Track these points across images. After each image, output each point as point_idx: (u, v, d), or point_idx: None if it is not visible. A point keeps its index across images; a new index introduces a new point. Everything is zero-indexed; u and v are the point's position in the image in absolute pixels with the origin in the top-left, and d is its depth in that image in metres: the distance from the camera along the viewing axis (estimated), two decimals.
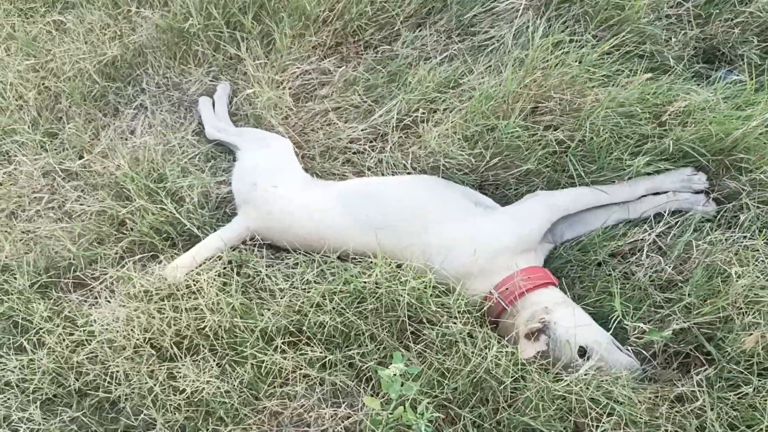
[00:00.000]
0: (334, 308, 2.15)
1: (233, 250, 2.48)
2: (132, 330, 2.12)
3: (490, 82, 2.55)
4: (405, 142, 2.66)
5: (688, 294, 2.13)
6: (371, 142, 2.74)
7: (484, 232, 2.32)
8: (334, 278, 2.26)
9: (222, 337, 2.16)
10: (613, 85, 2.43)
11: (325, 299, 2.16)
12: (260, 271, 2.32)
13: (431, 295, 2.14)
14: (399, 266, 2.29)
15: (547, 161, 2.41)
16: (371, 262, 2.32)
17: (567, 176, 2.40)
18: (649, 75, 2.46)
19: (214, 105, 2.94)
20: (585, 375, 1.98)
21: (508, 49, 2.69)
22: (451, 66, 2.74)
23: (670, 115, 2.34)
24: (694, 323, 2.08)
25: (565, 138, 2.36)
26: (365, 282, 2.17)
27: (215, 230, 2.53)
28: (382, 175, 2.64)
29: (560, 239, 2.43)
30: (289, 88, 2.90)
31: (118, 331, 2.13)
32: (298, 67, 2.92)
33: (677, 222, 2.30)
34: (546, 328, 2.12)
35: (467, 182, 2.48)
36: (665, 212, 2.33)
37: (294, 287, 2.26)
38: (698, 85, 2.52)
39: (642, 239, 2.29)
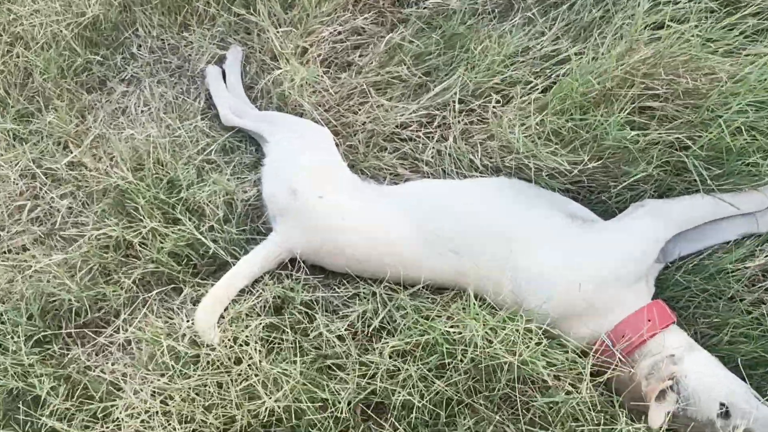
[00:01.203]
0: (415, 372, 1.72)
1: (269, 276, 2.03)
2: (168, 421, 1.68)
3: (582, 59, 2.03)
4: (470, 129, 2.16)
5: None
6: (425, 127, 2.24)
7: (587, 256, 1.87)
8: (407, 323, 1.82)
9: (284, 421, 1.73)
10: (740, 65, 1.93)
11: (403, 361, 1.73)
12: (311, 314, 1.87)
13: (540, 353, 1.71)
14: (489, 306, 1.86)
15: (658, 161, 1.94)
16: (446, 294, 1.89)
17: (683, 181, 1.94)
18: None
19: (224, 77, 2.40)
20: None
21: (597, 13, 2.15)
22: (525, 32, 2.20)
23: None
24: None
25: (685, 138, 1.87)
26: (455, 336, 1.72)
27: (246, 251, 2.06)
28: (445, 172, 2.16)
29: (672, 257, 2.00)
30: (318, 55, 2.35)
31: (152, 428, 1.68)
32: (327, 28, 2.36)
33: None
34: (675, 384, 1.73)
35: (555, 186, 2.01)
36: None
37: (362, 346, 1.81)
38: None
39: None
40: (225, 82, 2.37)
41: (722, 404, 1.71)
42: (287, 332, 1.84)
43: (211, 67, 2.40)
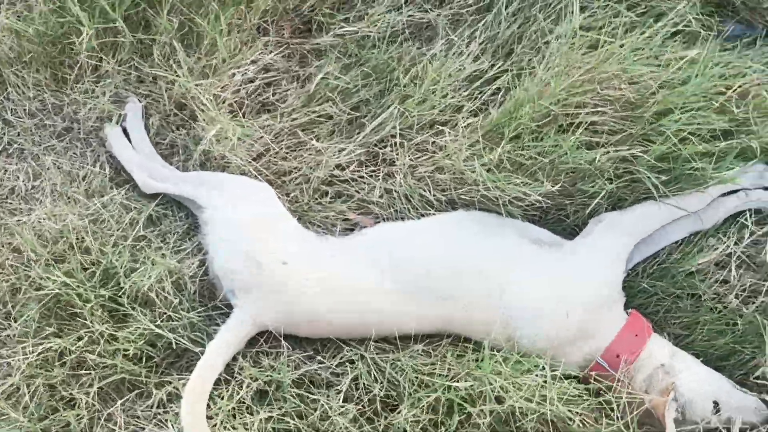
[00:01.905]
0: None
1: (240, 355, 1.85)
2: None
3: (523, 81, 2.01)
4: (415, 164, 2.08)
5: None
6: (365, 165, 2.13)
7: (568, 283, 1.89)
8: (411, 388, 1.72)
9: None
10: (662, 67, 2.01)
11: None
12: (304, 395, 1.72)
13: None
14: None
15: (612, 176, 1.98)
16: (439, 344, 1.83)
17: (633, 191, 1.99)
18: (696, 52, 2.07)
19: (127, 136, 2.13)
20: None
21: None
22: (451, 54, 2.14)
23: (734, 99, 1.99)
24: None
25: (639, 152, 1.92)
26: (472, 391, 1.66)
27: (208, 335, 1.86)
28: (397, 212, 2.07)
29: (631, 264, 2.06)
30: (235, 102, 2.14)
31: None
32: (236, 70, 2.15)
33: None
34: (674, 392, 1.80)
35: (515, 213, 1.99)
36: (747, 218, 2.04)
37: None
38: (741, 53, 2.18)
39: (729, 253, 1.99)
40: (129, 141, 2.12)
41: (715, 402, 1.82)
42: (289, 421, 1.68)
43: (110, 127, 2.11)
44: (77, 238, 1.88)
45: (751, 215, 2.02)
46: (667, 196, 1.97)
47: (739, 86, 1.98)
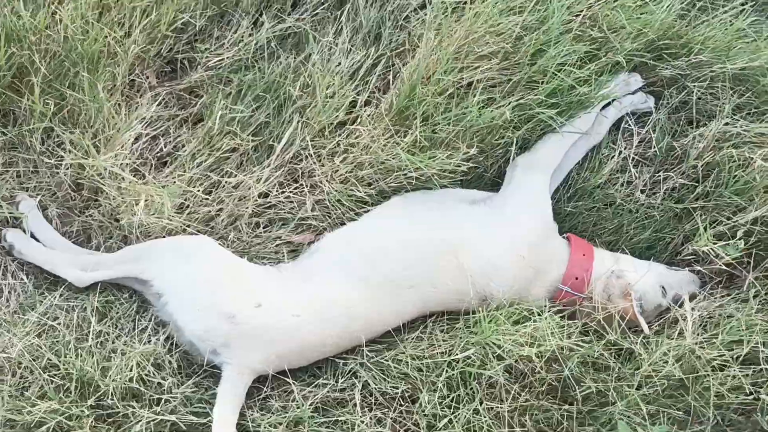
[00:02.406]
0: None
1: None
2: None
3: (412, 60, 2.10)
4: (336, 167, 2.11)
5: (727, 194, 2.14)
6: (287, 186, 2.13)
7: (512, 230, 2.04)
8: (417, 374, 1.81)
9: None
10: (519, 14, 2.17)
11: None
12: (336, 418, 1.75)
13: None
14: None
15: (516, 123, 2.13)
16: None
17: (532, 130, 2.16)
18: None
19: (32, 235, 1.98)
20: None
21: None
22: (329, 55, 2.17)
23: (587, 24, 2.21)
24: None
25: (531, 95, 2.09)
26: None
27: (208, 402, 1.81)
28: (336, 219, 2.11)
29: (550, 195, 2.25)
30: (136, 164, 2.05)
31: None
32: (126, 134, 2.05)
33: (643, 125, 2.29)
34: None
35: (446, 184, 2.10)
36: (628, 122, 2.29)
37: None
38: None
39: (624, 157, 2.24)
40: (36, 239, 1.97)
41: (662, 286, 2.07)
42: None
43: (11, 233, 1.96)
44: (34, 358, 1.75)
45: (630, 119, 2.29)
46: (564, 125, 2.17)
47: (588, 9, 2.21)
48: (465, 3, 2.14)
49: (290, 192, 2.11)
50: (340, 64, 2.20)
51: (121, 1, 2.03)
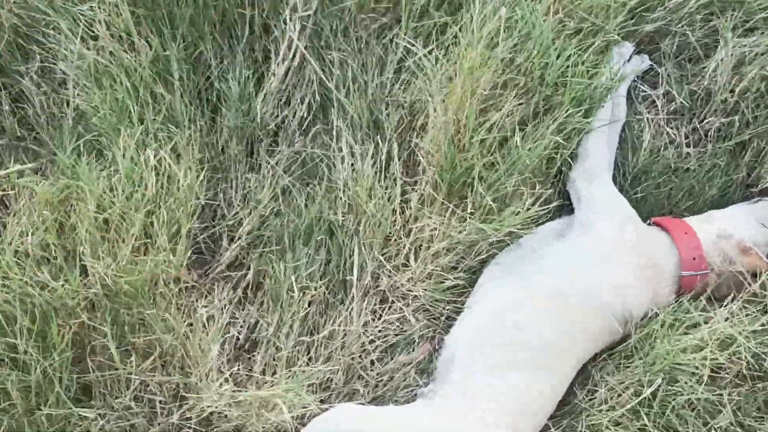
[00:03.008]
0: None
1: None
2: None
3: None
4: (417, 268, 1.99)
5: None
6: (382, 309, 2.00)
7: (605, 247, 1.97)
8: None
9: None
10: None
11: None
12: None
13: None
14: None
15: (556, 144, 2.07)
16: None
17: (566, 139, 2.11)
18: None
19: None
20: None
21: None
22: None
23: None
24: None
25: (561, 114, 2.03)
26: None
27: None
28: (443, 317, 2.00)
29: None
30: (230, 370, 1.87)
31: None
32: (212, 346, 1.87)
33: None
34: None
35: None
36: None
37: None
38: None
39: (656, 122, 2.22)
40: None
41: (762, 224, 2.06)
42: None
43: None
44: None
45: (641, 85, 2.28)
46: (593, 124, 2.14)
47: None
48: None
49: (386, 315, 1.99)
50: (354, 169, 2.09)
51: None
